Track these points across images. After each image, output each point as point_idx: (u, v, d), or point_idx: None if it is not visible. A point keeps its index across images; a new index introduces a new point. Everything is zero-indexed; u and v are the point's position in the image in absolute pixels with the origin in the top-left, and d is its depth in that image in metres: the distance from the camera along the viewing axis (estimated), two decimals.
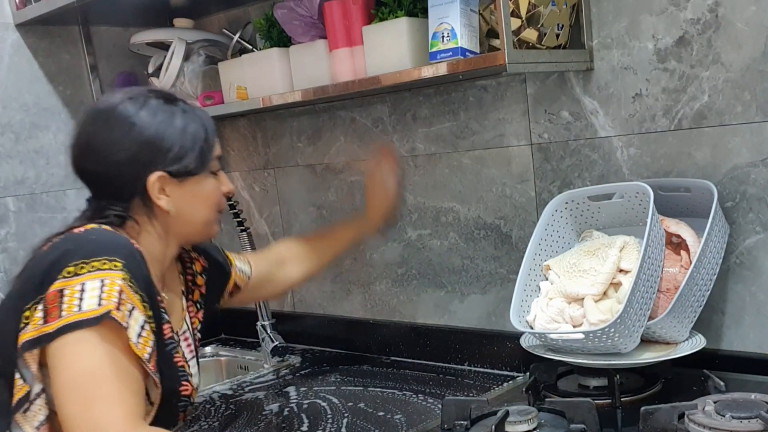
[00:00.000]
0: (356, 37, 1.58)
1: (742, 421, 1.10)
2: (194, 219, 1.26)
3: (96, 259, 1.09)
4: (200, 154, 1.22)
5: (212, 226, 1.31)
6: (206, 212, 1.27)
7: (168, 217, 1.23)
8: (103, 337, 1.06)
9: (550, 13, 1.39)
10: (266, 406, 1.70)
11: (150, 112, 1.19)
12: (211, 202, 1.27)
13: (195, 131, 1.22)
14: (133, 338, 1.08)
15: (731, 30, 1.32)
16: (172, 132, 1.20)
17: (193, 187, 1.23)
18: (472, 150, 1.70)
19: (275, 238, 2.20)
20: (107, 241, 1.13)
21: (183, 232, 1.27)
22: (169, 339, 1.21)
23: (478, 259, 1.74)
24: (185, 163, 1.20)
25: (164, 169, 1.19)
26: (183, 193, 1.22)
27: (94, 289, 1.07)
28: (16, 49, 2.06)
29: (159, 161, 1.19)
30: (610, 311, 1.32)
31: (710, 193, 1.33)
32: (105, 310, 1.05)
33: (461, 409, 1.30)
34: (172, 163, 1.19)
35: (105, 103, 1.22)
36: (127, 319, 1.08)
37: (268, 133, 2.16)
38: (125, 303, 1.08)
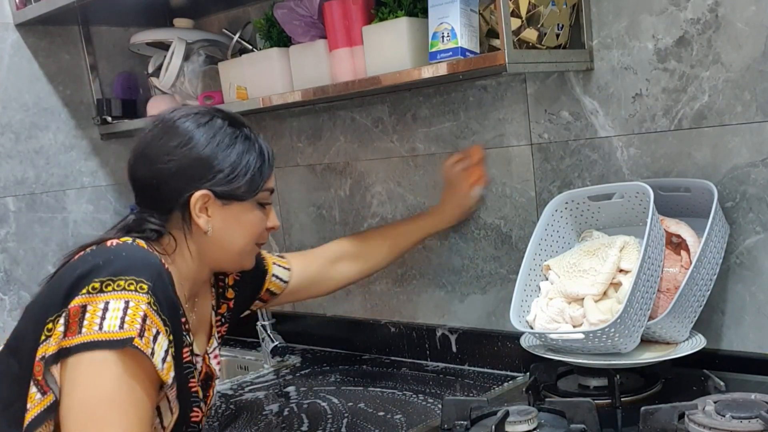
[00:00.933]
0: (356, 37, 1.58)
1: (742, 421, 1.10)
2: (230, 245, 1.24)
3: (123, 278, 1.07)
4: (251, 181, 1.22)
5: (247, 257, 1.29)
6: (244, 241, 1.25)
7: (204, 238, 1.21)
8: (122, 362, 1.04)
9: (550, 13, 1.39)
10: (266, 406, 1.70)
11: (211, 131, 1.19)
12: (252, 232, 1.25)
13: (251, 158, 1.22)
14: (159, 364, 1.07)
15: (731, 30, 1.32)
16: (227, 154, 1.19)
17: (237, 212, 1.22)
18: None
19: (275, 238, 2.20)
20: (138, 259, 1.11)
21: (216, 256, 1.25)
22: (187, 363, 1.19)
23: (478, 259, 1.74)
24: (233, 187, 1.20)
25: (210, 188, 1.18)
26: (225, 216, 1.21)
27: (117, 309, 1.05)
28: (16, 49, 2.06)
29: (207, 179, 1.18)
30: (610, 311, 1.32)
31: (710, 193, 1.33)
32: (127, 336, 1.03)
33: (461, 409, 1.30)
34: (221, 184, 1.19)
35: (171, 114, 1.22)
36: (152, 345, 1.06)
37: (268, 133, 2.16)
38: (150, 328, 1.06)
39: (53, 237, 2.11)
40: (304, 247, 2.13)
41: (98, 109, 2.16)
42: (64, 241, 2.10)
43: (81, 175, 2.17)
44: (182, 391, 1.18)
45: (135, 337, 1.04)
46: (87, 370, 1.04)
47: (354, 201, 1.97)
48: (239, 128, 1.23)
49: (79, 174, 2.16)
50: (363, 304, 2.02)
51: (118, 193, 2.24)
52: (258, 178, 1.23)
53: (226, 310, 1.41)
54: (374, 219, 1.94)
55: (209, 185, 1.18)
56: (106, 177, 2.22)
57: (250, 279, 1.46)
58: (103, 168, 2.21)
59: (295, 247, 2.16)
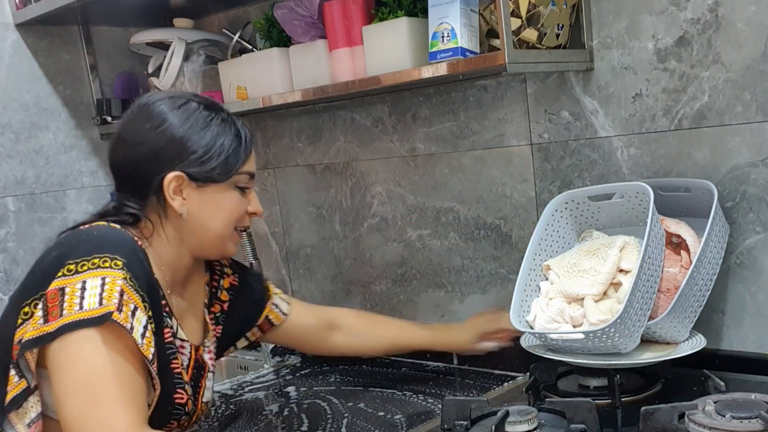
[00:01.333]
0: (356, 37, 1.58)
1: (743, 421, 1.09)
2: (208, 228, 1.23)
3: (97, 255, 1.08)
4: (225, 163, 1.21)
5: (227, 242, 1.27)
6: (221, 224, 1.24)
7: (181, 221, 1.21)
8: (105, 338, 1.06)
9: (550, 13, 1.39)
10: (266, 406, 1.70)
11: (185, 113, 1.19)
12: (229, 215, 1.24)
13: (226, 140, 1.21)
14: (138, 339, 1.08)
15: (731, 30, 1.32)
16: (201, 136, 1.19)
17: (213, 195, 1.22)
18: (472, 150, 1.70)
19: (275, 238, 2.20)
20: (110, 238, 1.13)
21: (195, 240, 1.24)
22: (169, 343, 1.20)
23: (478, 259, 1.74)
24: (208, 168, 1.19)
25: (184, 170, 1.18)
26: (200, 199, 1.21)
27: (94, 287, 1.06)
28: (16, 49, 2.06)
29: (181, 161, 1.18)
30: (610, 311, 1.32)
31: (710, 193, 1.33)
32: (106, 311, 1.05)
33: (461, 409, 1.30)
34: (194, 165, 1.19)
35: (147, 98, 1.23)
36: (131, 319, 1.07)
37: (268, 133, 2.16)
38: (127, 303, 1.07)
39: (53, 237, 2.10)
40: (303, 247, 2.13)
41: (98, 109, 2.16)
42: None
43: (81, 175, 2.17)
44: (164, 370, 1.17)
45: (114, 311, 1.05)
46: (76, 350, 1.05)
47: (354, 201, 1.97)
48: (215, 111, 1.23)
49: (78, 174, 2.16)
50: (363, 304, 2.02)
51: None
52: (233, 159, 1.22)
53: (219, 310, 1.41)
54: (374, 219, 1.94)
55: (183, 167, 1.18)
56: (106, 177, 2.22)
57: (249, 290, 1.45)
58: (103, 168, 2.21)
59: (294, 246, 2.16)
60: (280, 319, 1.51)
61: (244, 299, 1.44)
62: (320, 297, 2.12)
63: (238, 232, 1.28)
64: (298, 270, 2.17)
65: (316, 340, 1.58)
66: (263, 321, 1.49)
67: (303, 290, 2.17)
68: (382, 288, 1.96)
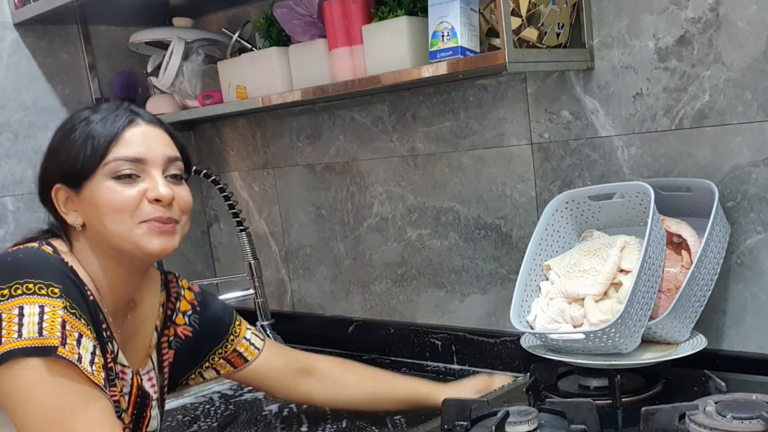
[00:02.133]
0: (356, 36, 1.58)
1: (743, 421, 1.09)
2: (105, 230, 1.13)
3: (30, 281, 1.03)
4: (92, 154, 1.12)
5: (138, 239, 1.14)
6: (113, 221, 1.13)
7: (85, 233, 1.15)
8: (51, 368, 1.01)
9: (551, 12, 1.39)
10: (266, 406, 1.70)
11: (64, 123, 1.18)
12: (116, 209, 1.12)
13: (85, 135, 1.13)
14: (88, 368, 1.03)
15: (732, 29, 1.32)
16: (68, 141, 1.14)
17: (90, 195, 1.13)
18: (472, 150, 1.70)
19: (275, 238, 2.20)
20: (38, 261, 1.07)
21: (105, 246, 1.15)
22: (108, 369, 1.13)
23: (478, 259, 1.74)
24: (78, 168, 1.12)
25: (60, 181, 1.14)
26: (83, 203, 1.14)
27: (32, 314, 1.01)
28: (14, 48, 2.06)
29: (57, 173, 1.14)
30: (611, 311, 1.32)
31: (711, 192, 1.33)
32: (49, 345, 1.00)
33: (461, 409, 1.30)
34: (65, 172, 1.13)
35: None
36: (77, 349, 1.03)
37: (268, 132, 2.15)
38: (71, 333, 1.03)
39: None
40: (303, 247, 2.13)
41: None
42: None
43: None
44: None
45: (58, 346, 1.01)
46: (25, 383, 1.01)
47: (354, 201, 1.97)
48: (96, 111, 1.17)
49: None
50: (363, 304, 2.01)
51: None
52: (99, 147, 1.12)
53: (173, 334, 1.33)
54: (374, 219, 1.93)
55: (58, 178, 1.14)
56: None
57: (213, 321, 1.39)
58: None
59: (294, 246, 2.16)
60: (253, 354, 1.42)
61: (206, 326, 1.37)
62: (320, 297, 2.12)
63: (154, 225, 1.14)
64: (298, 270, 2.17)
65: (287, 384, 1.46)
66: (233, 354, 1.41)
67: (303, 290, 2.16)
68: (382, 288, 1.96)
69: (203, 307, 1.38)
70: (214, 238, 2.43)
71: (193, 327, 1.35)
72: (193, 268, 2.36)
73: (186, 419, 1.68)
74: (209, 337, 1.38)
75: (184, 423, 1.66)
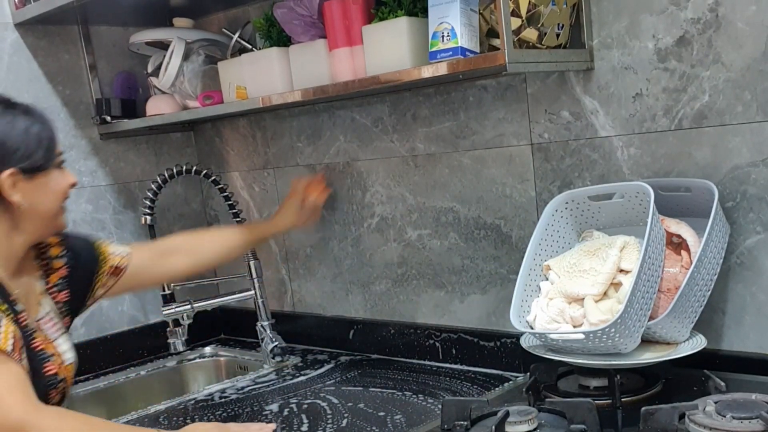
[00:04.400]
0: (356, 36, 1.58)
1: (743, 421, 1.09)
2: (44, 211, 1.35)
3: None
4: (47, 150, 1.34)
5: (60, 218, 1.41)
6: (55, 204, 1.37)
7: (19, 213, 1.33)
8: None
9: (551, 12, 1.39)
10: (266, 406, 1.70)
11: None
12: (59, 194, 1.38)
13: (39, 130, 1.33)
14: None
15: (732, 30, 1.32)
16: (17, 133, 1.30)
17: (42, 181, 1.34)
18: (472, 150, 1.70)
19: (275, 238, 2.20)
20: None
21: (33, 227, 1.36)
22: (24, 327, 1.32)
23: (478, 259, 1.74)
24: (33, 160, 1.31)
25: (15, 167, 1.29)
26: (33, 187, 1.32)
27: None
28: (15, 48, 2.06)
29: (8, 160, 1.29)
30: (611, 311, 1.32)
31: (711, 193, 1.33)
32: None
33: (461, 409, 1.30)
34: (21, 160, 1.30)
35: None
36: None
37: (268, 132, 2.16)
38: None
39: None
40: (303, 248, 2.13)
41: (97, 108, 2.16)
42: None
43: (80, 175, 2.16)
44: (30, 350, 1.31)
45: None
46: None
47: (354, 201, 1.97)
48: (14, 107, 1.34)
49: (78, 174, 2.15)
50: (363, 304, 2.02)
51: (117, 192, 2.24)
52: (51, 145, 1.35)
53: (59, 278, 1.47)
54: (374, 219, 1.94)
55: (12, 164, 1.29)
56: (106, 177, 2.22)
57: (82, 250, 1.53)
58: (103, 168, 2.21)
59: (294, 246, 2.16)
60: (126, 260, 1.59)
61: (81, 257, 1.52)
62: (320, 297, 2.12)
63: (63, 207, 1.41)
64: (298, 270, 2.17)
65: (159, 271, 1.69)
66: (109, 268, 1.56)
67: (303, 290, 2.17)
68: (382, 288, 1.96)
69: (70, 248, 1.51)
70: None
71: (69, 265, 1.50)
72: None
73: (187, 419, 1.69)
74: (85, 268, 1.53)
75: (185, 423, 1.66)
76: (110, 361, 2.18)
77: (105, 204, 2.21)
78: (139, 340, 2.26)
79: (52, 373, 1.36)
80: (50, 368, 1.35)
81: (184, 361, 2.25)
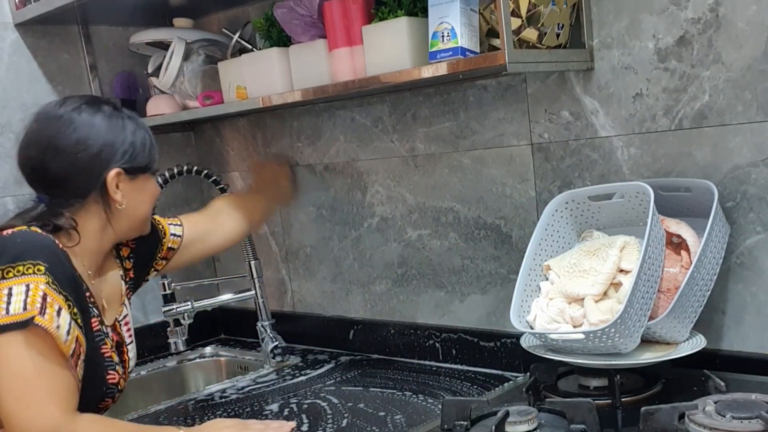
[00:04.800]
0: (356, 36, 1.58)
1: (743, 421, 1.09)
2: (138, 213, 1.41)
3: (21, 263, 1.20)
4: (150, 154, 1.40)
5: (148, 222, 1.47)
6: (148, 207, 1.43)
7: (117, 211, 1.36)
8: (29, 340, 1.18)
9: (551, 12, 1.39)
10: (266, 406, 1.70)
11: (105, 117, 1.34)
12: (153, 198, 1.43)
13: (144, 135, 1.39)
14: (63, 336, 1.21)
15: (732, 29, 1.32)
16: (125, 134, 1.35)
17: (142, 183, 1.39)
18: (472, 150, 1.70)
19: (275, 238, 2.20)
20: (32, 243, 1.24)
21: (125, 226, 1.40)
22: (97, 332, 1.34)
23: (478, 259, 1.74)
24: (138, 161, 1.36)
25: (121, 166, 1.34)
26: (133, 188, 1.37)
27: (20, 293, 1.18)
28: (15, 48, 2.06)
29: (116, 159, 1.34)
30: (611, 311, 1.32)
31: (711, 193, 1.33)
32: (29, 316, 1.17)
33: (461, 409, 1.30)
34: (127, 161, 1.35)
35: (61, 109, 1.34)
36: (56, 320, 1.20)
37: (268, 132, 2.16)
38: (51, 305, 1.19)
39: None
40: (303, 247, 2.13)
41: None
42: None
43: None
44: (95, 356, 1.32)
45: (36, 315, 1.18)
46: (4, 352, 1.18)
47: (354, 201, 1.97)
48: (121, 111, 1.38)
49: None
50: (363, 304, 2.02)
51: None
52: (153, 150, 1.41)
53: (129, 278, 1.53)
54: (374, 219, 1.94)
55: (119, 164, 1.34)
56: None
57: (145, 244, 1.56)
58: None
59: (294, 246, 2.16)
60: (178, 243, 1.65)
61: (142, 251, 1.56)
62: (320, 297, 2.12)
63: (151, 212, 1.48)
64: (298, 270, 2.17)
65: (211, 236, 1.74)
66: (166, 252, 1.63)
67: (303, 290, 2.17)
68: (382, 288, 1.96)
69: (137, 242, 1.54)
70: None
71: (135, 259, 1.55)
72: (193, 269, 2.36)
73: (187, 420, 1.69)
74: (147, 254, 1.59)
75: (185, 423, 1.66)
76: None
77: None
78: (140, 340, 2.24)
79: (114, 382, 1.37)
80: (113, 377, 1.37)
81: (185, 361, 2.25)
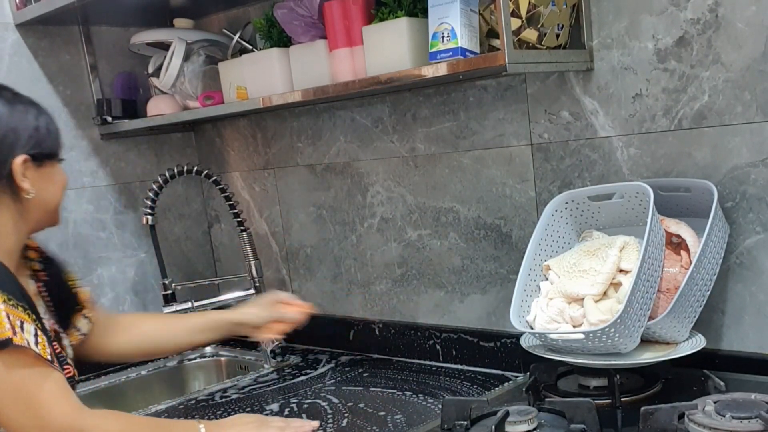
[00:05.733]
0: (356, 37, 1.58)
1: (742, 421, 1.10)
2: (49, 202, 1.33)
3: None
4: (56, 139, 1.34)
5: (59, 212, 1.38)
6: (59, 196, 1.36)
7: (26, 201, 1.29)
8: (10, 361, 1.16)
9: (550, 13, 1.39)
10: (266, 406, 1.70)
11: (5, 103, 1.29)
12: (62, 186, 1.36)
13: (48, 121, 1.33)
14: (35, 349, 1.18)
15: (731, 30, 1.32)
16: (28, 119, 1.30)
17: (49, 171, 1.32)
18: (472, 150, 1.70)
19: (275, 238, 2.20)
20: None
21: (37, 217, 1.33)
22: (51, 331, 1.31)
23: (478, 259, 1.74)
24: (44, 147, 1.30)
25: (27, 153, 1.28)
26: (40, 176, 1.30)
27: None
28: (16, 49, 2.06)
29: (21, 146, 1.28)
30: (610, 311, 1.32)
31: (710, 193, 1.33)
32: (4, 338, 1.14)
33: (461, 409, 1.30)
34: (34, 147, 1.29)
35: None
36: (24, 336, 1.17)
37: (268, 133, 2.16)
38: (15, 324, 1.16)
39: (53, 237, 2.10)
40: (303, 247, 2.13)
41: (98, 109, 2.16)
42: (64, 241, 2.10)
43: (81, 175, 2.16)
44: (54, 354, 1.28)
45: (11, 337, 1.15)
46: None
47: (354, 201, 1.98)
48: (22, 97, 1.33)
49: (79, 174, 2.16)
50: (363, 304, 2.02)
51: (118, 193, 2.24)
52: (59, 136, 1.35)
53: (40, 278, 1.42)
54: (374, 219, 1.94)
55: (24, 150, 1.27)
56: (106, 177, 2.22)
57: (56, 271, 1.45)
58: (103, 168, 2.21)
59: (294, 247, 2.16)
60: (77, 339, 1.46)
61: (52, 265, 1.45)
62: (320, 297, 2.12)
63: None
64: (298, 270, 2.17)
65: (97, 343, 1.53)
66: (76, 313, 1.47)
67: (303, 290, 2.17)
68: (382, 288, 1.96)
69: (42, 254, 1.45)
70: (215, 238, 2.43)
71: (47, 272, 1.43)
72: (194, 268, 2.36)
73: (188, 419, 1.69)
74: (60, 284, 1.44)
75: None
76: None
77: (106, 204, 2.22)
78: None
79: (71, 375, 1.34)
80: (69, 371, 1.34)
81: (185, 361, 2.25)
